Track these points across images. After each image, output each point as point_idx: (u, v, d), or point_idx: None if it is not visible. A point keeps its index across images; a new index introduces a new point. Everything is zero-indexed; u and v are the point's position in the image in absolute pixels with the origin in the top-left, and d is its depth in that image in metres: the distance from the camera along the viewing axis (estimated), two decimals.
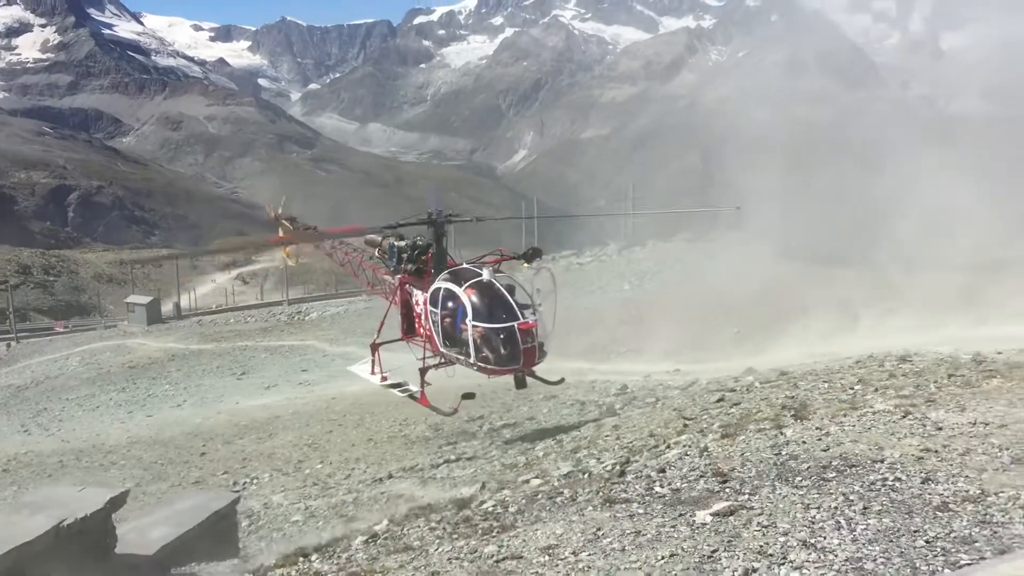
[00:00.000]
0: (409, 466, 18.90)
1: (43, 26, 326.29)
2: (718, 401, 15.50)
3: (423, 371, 18.92)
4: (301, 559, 8.58)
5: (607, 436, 15.08)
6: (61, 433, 30.52)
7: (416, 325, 19.09)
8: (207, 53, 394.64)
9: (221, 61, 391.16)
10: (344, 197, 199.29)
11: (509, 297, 16.22)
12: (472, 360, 16.73)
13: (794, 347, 24.76)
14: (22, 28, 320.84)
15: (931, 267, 34.09)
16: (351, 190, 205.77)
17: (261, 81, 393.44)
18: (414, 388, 19.40)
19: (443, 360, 18.33)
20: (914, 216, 46.38)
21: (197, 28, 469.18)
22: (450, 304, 17.05)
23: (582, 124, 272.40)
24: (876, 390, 12.02)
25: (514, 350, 16.01)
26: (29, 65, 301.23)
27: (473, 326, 16.26)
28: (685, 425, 12.49)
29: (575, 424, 18.19)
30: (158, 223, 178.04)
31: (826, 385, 14.00)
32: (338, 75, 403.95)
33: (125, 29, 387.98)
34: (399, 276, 19.67)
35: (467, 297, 16.39)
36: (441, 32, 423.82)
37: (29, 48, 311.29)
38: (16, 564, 7.99)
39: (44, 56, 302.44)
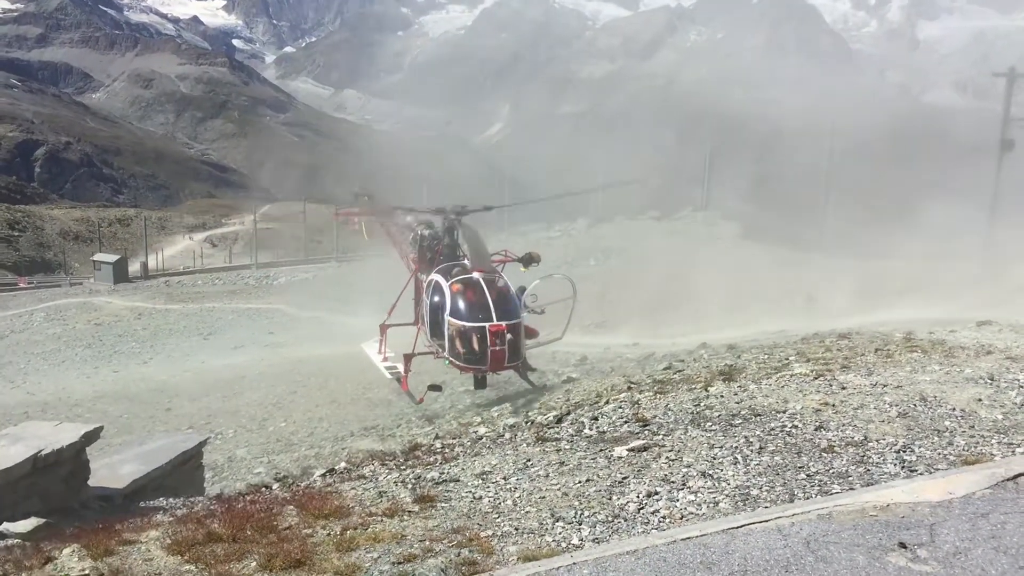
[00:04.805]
0: (371, 426, 19.62)
1: None
2: (665, 369, 16.34)
3: (408, 357, 19.38)
4: (264, 488, 9.30)
5: (558, 398, 15.89)
6: (27, 386, 30.66)
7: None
8: (181, 11, 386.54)
9: (195, 19, 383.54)
10: (317, 163, 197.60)
11: (490, 298, 16.41)
12: (446, 354, 17.25)
13: (749, 325, 25.68)
14: None
15: (888, 254, 35.40)
16: (324, 156, 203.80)
17: (235, 42, 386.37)
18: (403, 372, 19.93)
19: (432, 349, 18.79)
20: (876, 204, 47.70)
21: None
22: (436, 297, 17.51)
23: (559, 99, 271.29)
24: (807, 360, 12.90)
25: (482, 351, 16.14)
26: None
27: (449, 321, 16.69)
28: (628, 387, 13.31)
29: (531, 390, 18.93)
30: (126, 182, 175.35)
31: (766, 356, 14.84)
32: (314, 39, 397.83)
33: None
34: (416, 263, 20.30)
35: (451, 292, 16.82)
36: None
37: None
38: None
39: (13, 7, 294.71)
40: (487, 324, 16.19)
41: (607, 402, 10.93)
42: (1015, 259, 28.35)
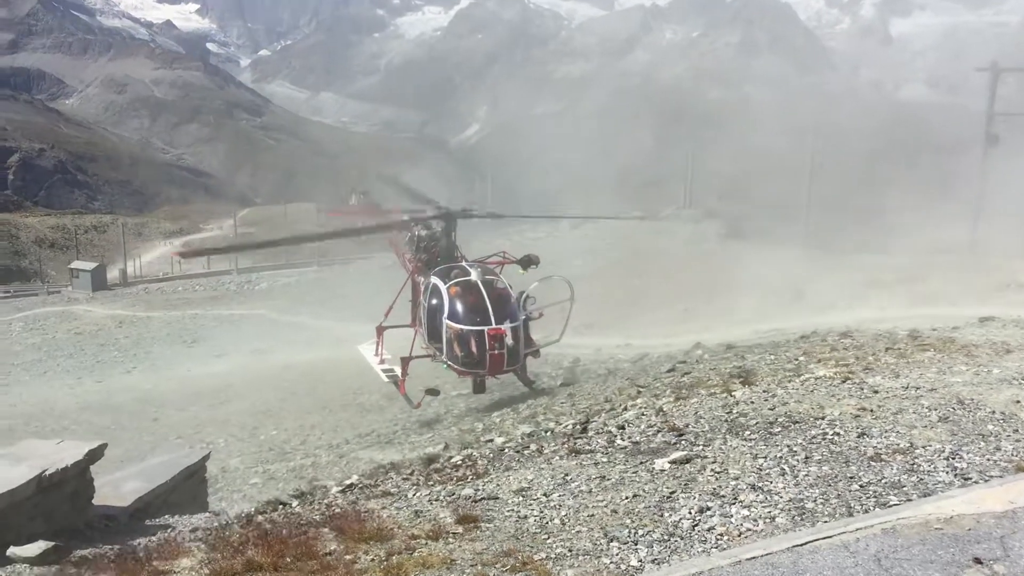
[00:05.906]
0: (365, 432, 19.25)
1: None
2: (669, 371, 16.08)
3: (405, 360, 19.09)
4: (280, 506, 8.95)
5: (562, 403, 15.62)
6: (8, 398, 30.04)
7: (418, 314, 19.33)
8: (154, 15, 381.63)
9: (168, 24, 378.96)
10: (294, 166, 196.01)
11: (488, 301, 16.20)
12: (444, 357, 16.95)
13: (741, 325, 25.56)
14: None
15: (873, 250, 35.51)
16: (301, 159, 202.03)
17: (210, 46, 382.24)
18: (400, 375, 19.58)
19: (429, 352, 18.51)
20: (859, 200, 47.88)
21: None
22: (434, 300, 17.26)
23: (536, 99, 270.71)
24: (819, 361, 12.73)
25: (481, 354, 15.98)
26: None
27: (447, 325, 16.42)
28: (639, 392, 13.07)
29: (529, 394, 18.64)
30: (101, 188, 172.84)
31: (772, 357, 14.65)
32: (289, 42, 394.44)
33: None
34: (413, 264, 19.98)
35: (448, 295, 16.56)
36: (396, 1, 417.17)
37: None
38: (0, 512, 8.22)
39: None
40: (486, 327, 15.95)
41: (625, 408, 10.68)
42: (1001, 254, 28.53)
